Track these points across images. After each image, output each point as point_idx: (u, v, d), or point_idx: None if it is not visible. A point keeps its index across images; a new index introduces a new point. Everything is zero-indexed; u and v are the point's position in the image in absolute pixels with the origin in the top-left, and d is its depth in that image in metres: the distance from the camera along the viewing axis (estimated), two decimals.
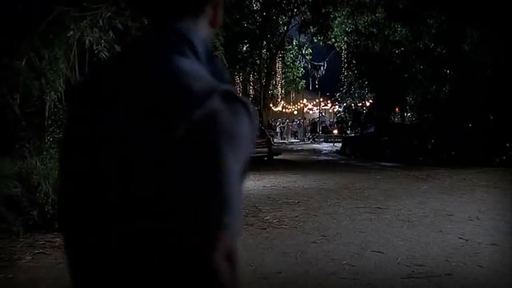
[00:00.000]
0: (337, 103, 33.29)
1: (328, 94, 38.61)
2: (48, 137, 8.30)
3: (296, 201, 9.57)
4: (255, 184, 12.51)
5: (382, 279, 4.89)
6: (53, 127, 8.38)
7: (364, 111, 28.20)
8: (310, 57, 38.54)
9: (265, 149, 19.28)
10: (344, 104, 30.07)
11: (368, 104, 29.20)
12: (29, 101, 9.62)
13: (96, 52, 8.93)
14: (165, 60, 1.02)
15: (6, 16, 9.32)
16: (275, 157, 20.89)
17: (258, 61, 35.09)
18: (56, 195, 7.30)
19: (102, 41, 8.95)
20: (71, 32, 9.01)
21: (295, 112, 47.85)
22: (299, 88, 42.73)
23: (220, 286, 0.92)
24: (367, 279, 4.86)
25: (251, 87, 39.70)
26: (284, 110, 47.36)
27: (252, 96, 38.58)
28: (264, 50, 35.44)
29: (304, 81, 41.38)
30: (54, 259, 5.78)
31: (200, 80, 0.99)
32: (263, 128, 24.49)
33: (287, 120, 45.43)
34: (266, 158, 19.29)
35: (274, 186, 12.23)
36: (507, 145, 19.46)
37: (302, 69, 40.22)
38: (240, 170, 0.97)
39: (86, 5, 9.25)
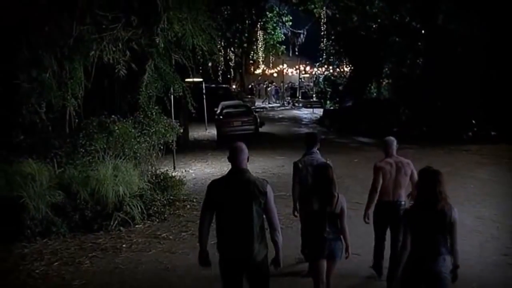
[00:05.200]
0: (317, 70, 34.88)
1: (307, 62, 40.11)
2: (81, 149, 9.75)
3: (288, 195, 11.17)
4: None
5: (358, 284, 6.62)
6: (85, 140, 9.82)
7: (343, 83, 29.82)
8: (290, 23, 39.75)
9: (252, 126, 21.27)
10: (324, 75, 31.63)
11: (346, 70, 30.74)
12: (53, 108, 10.99)
13: (116, 71, 10.29)
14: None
15: (34, 35, 10.52)
16: (260, 129, 22.72)
17: (240, 27, 36.10)
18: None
19: (121, 61, 10.29)
20: (93, 52, 10.31)
21: (275, 75, 49.33)
22: (279, 53, 44.04)
23: None
24: (349, 281, 6.59)
25: (232, 53, 40.78)
26: (264, 73, 48.79)
27: (233, 62, 39.83)
28: (245, 15, 36.44)
29: (284, 46, 42.73)
30: (108, 263, 7.42)
31: None
32: (248, 104, 26.47)
33: (267, 82, 46.82)
34: (252, 132, 21.28)
35: (265, 172, 13.89)
36: (473, 121, 21.11)
37: (282, 35, 41.53)
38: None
39: (104, 27, 10.59)
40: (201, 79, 19.16)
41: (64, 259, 7.61)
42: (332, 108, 29.17)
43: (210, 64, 18.10)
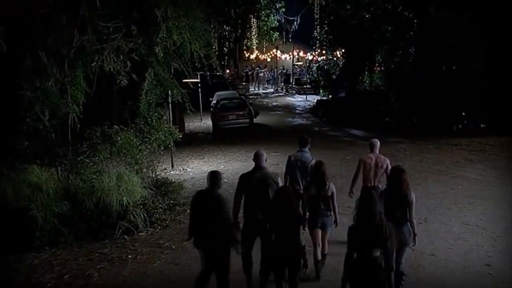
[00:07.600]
0: (311, 56, 35.12)
1: (300, 48, 40.28)
2: (86, 159, 10.13)
3: None
4: (243, 167, 14.52)
5: None
6: (89, 151, 10.20)
7: (336, 72, 30.12)
8: (284, 9, 39.94)
9: (247, 120, 21.76)
10: (317, 64, 31.91)
11: (339, 59, 30.96)
12: (56, 115, 11.31)
13: (118, 81, 10.62)
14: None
15: (37, 45, 10.79)
16: (254, 119, 23.18)
17: (233, 14, 36.16)
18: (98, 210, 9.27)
19: (122, 71, 10.62)
20: (95, 63, 10.62)
21: (268, 60, 49.53)
22: (273, 40, 44.23)
23: None
24: None
25: (226, 41, 40.84)
26: (258, 58, 48.93)
27: (227, 48, 39.97)
28: (240, 1, 36.47)
29: (278, 33, 42.95)
30: (115, 275, 7.87)
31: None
32: (243, 92, 26.74)
33: (258, 68, 47.04)
34: (247, 125, 21.76)
35: None
36: (463, 113, 21.51)
37: (276, 21, 41.72)
38: None
39: (105, 37, 10.88)
40: (197, 80, 19.55)
41: (74, 271, 8.04)
42: (325, 98, 29.62)
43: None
